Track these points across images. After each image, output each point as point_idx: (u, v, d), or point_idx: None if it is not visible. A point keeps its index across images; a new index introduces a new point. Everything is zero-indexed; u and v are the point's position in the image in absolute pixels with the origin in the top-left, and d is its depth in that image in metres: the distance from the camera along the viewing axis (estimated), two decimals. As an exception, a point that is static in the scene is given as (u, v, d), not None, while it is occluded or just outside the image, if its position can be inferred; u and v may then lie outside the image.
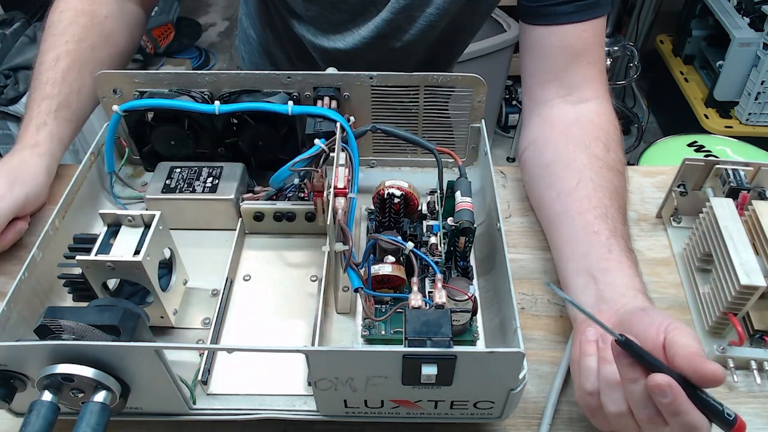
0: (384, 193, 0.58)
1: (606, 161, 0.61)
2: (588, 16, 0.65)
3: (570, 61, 0.66)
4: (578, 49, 0.66)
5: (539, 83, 0.69)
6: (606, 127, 0.65)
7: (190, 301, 0.57)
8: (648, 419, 0.40)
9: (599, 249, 0.54)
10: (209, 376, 0.51)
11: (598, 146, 0.62)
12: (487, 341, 0.53)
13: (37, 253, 0.52)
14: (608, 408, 0.43)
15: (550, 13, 0.65)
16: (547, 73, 0.68)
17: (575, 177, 0.60)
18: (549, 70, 0.68)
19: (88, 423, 0.40)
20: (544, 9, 0.65)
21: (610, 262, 0.52)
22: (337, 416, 0.48)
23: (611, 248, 0.53)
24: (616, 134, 0.65)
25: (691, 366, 0.39)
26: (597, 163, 0.61)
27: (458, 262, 0.55)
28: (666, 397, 0.38)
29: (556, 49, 0.66)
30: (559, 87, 0.67)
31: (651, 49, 2.21)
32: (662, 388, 0.38)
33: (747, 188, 0.59)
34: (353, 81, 0.63)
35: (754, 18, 1.74)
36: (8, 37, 1.65)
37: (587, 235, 0.55)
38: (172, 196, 0.62)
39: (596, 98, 0.67)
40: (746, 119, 1.81)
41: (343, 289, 0.56)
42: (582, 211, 0.57)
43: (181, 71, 0.63)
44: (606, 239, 0.54)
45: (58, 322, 0.43)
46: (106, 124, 0.63)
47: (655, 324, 0.43)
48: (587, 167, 0.60)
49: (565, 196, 0.59)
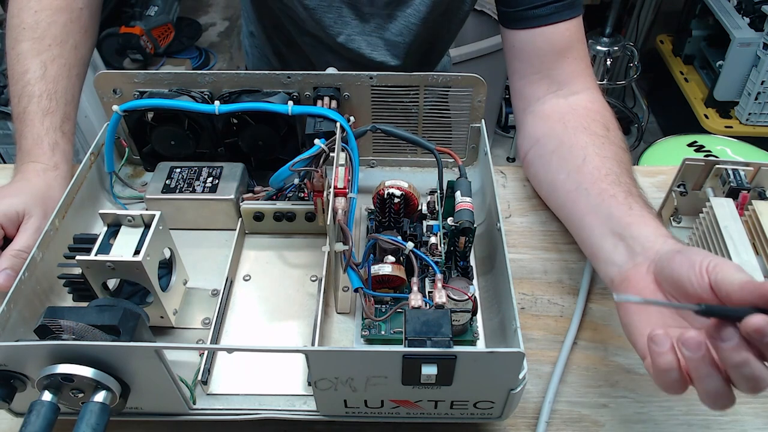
0: (384, 193, 0.58)
1: (607, 137, 0.63)
2: (567, 15, 0.67)
3: (556, 59, 0.68)
4: (563, 47, 0.68)
5: (528, 83, 0.70)
6: (601, 111, 0.66)
7: (190, 301, 0.57)
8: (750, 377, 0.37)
9: (620, 209, 0.54)
10: (209, 376, 0.51)
11: (597, 126, 0.64)
12: (487, 341, 0.53)
13: (37, 253, 0.52)
14: (706, 387, 0.39)
15: (531, 17, 0.67)
16: (535, 73, 0.69)
17: (581, 154, 0.61)
18: (537, 69, 0.69)
19: (88, 423, 0.40)
20: (523, 13, 0.68)
21: (632, 217, 0.52)
22: (337, 416, 0.48)
23: (631, 206, 0.54)
24: (612, 118, 0.66)
25: (756, 293, 0.36)
26: (599, 140, 0.62)
27: (458, 262, 0.55)
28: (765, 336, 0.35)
29: (541, 49, 0.68)
30: (549, 83, 0.69)
31: (651, 49, 2.21)
32: (764, 328, 0.35)
33: (747, 188, 0.59)
34: (353, 81, 0.63)
35: (754, 18, 1.74)
36: (8, 37, 1.65)
37: (605, 200, 0.55)
38: (172, 196, 0.62)
39: (587, 89, 0.68)
40: (746, 119, 1.81)
41: (343, 289, 0.56)
42: (594, 181, 0.58)
43: (181, 71, 0.63)
44: (624, 199, 0.55)
45: (58, 322, 0.43)
46: (106, 124, 0.63)
47: (696, 265, 0.41)
48: (590, 144, 0.62)
49: (575, 173, 0.60)
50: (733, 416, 0.52)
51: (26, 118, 0.65)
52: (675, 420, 0.52)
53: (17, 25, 0.69)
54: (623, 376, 0.55)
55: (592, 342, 0.58)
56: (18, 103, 0.66)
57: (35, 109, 0.66)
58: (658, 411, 0.53)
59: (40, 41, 0.68)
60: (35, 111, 0.66)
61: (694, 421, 0.52)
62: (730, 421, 0.52)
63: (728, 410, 0.53)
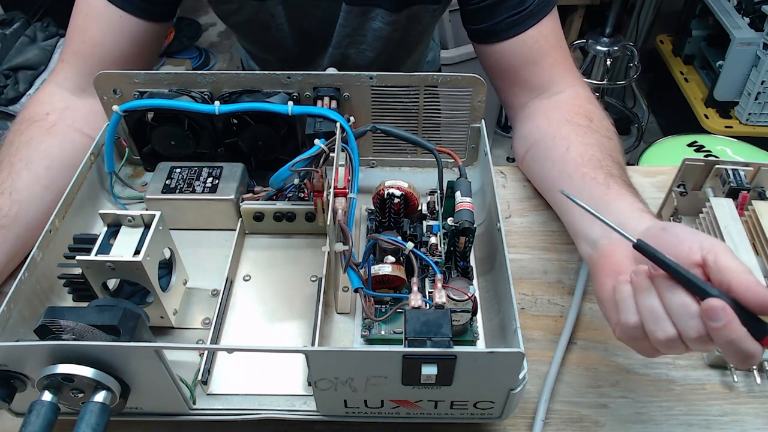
0: (384, 193, 0.58)
1: (590, 127, 0.64)
2: (527, 25, 0.68)
3: (530, 69, 0.70)
4: (533, 57, 0.69)
5: (511, 95, 0.73)
6: (583, 105, 0.68)
7: (190, 301, 0.57)
8: (699, 337, 0.39)
9: (599, 189, 0.55)
10: (209, 376, 0.51)
11: (579, 118, 0.65)
12: (487, 341, 0.53)
13: (37, 253, 0.52)
14: (656, 336, 0.41)
15: (493, 31, 0.69)
16: (514, 85, 0.72)
17: (564, 144, 0.63)
18: (514, 81, 0.71)
19: (88, 423, 0.40)
20: (487, 29, 0.69)
21: (609, 195, 0.54)
22: (337, 416, 0.48)
23: (609, 185, 0.55)
24: (595, 110, 0.68)
25: (751, 293, 0.37)
26: (581, 129, 0.64)
27: (458, 262, 0.55)
28: (719, 321, 0.37)
29: (510, 62, 0.70)
30: (530, 91, 0.71)
31: (651, 49, 2.21)
32: (715, 310, 0.37)
33: (747, 188, 0.59)
34: (353, 81, 0.63)
35: (754, 18, 1.74)
36: (8, 37, 1.66)
37: (586, 183, 0.57)
38: (172, 196, 0.62)
39: (570, 87, 0.70)
40: (746, 119, 1.81)
41: (343, 289, 0.56)
42: (577, 166, 0.60)
43: (181, 71, 0.63)
44: (604, 180, 0.56)
45: (58, 322, 0.43)
46: (106, 124, 0.63)
47: (686, 243, 0.42)
48: (573, 133, 0.63)
49: (559, 162, 0.62)
50: (733, 416, 0.52)
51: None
52: (675, 420, 0.52)
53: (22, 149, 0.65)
54: (623, 376, 0.55)
55: (592, 342, 0.58)
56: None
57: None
58: (657, 411, 0.53)
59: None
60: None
61: (694, 421, 0.52)
62: (730, 421, 0.52)
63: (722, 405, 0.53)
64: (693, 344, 0.40)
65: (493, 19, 0.68)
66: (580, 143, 0.62)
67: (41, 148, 0.65)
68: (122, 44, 0.70)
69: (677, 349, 0.41)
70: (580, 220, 0.55)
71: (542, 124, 0.67)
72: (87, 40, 0.69)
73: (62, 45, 0.79)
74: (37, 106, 0.69)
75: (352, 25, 0.77)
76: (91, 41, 0.69)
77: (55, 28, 1.76)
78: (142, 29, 0.70)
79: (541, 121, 0.68)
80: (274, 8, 0.76)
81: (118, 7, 0.68)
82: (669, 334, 0.40)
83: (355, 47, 0.80)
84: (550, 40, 0.69)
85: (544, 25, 0.68)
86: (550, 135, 0.65)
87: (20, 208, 0.60)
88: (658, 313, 0.41)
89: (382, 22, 0.76)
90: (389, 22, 0.76)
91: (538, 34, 0.68)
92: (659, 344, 0.41)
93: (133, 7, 0.68)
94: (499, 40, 0.69)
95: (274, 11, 0.76)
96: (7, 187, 0.61)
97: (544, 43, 0.69)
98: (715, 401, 0.53)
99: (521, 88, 0.71)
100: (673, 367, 0.56)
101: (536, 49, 0.69)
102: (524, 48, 0.69)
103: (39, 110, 0.68)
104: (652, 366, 0.56)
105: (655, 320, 0.41)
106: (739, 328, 0.38)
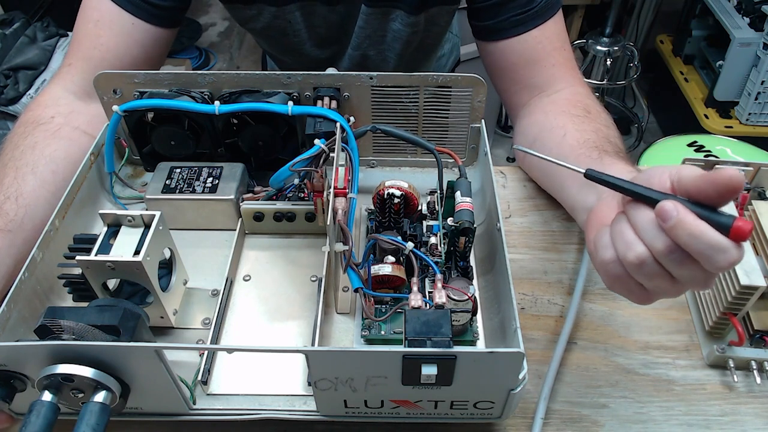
0: (384, 194, 0.58)
1: (587, 117, 0.65)
2: (532, 25, 0.68)
3: (532, 68, 0.70)
4: (536, 57, 0.70)
5: (512, 94, 0.73)
6: (582, 100, 0.68)
7: (190, 301, 0.57)
8: (668, 250, 0.38)
9: (593, 164, 0.54)
10: (209, 376, 0.51)
11: (576, 110, 0.66)
12: (487, 341, 0.53)
13: (37, 253, 0.52)
14: (629, 260, 0.39)
15: (500, 28, 0.69)
16: (514, 85, 0.72)
17: (560, 132, 0.64)
18: (515, 81, 0.72)
19: (88, 423, 0.40)
20: (491, 26, 0.69)
21: (602, 166, 0.53)
22: (337, 416, 0.48)
23: (603, 159, 0.56)
24: (594, 105, 0.68)
25: (703, 180, 0.37)
26: (578, 119, 0.65)
27: (458, 262, 0.55)
28: (671, 219, 0.36)
29: (513, 61, 0.70)
30: (531, 90, 0.71)
31: (651, 49, 2.21)
32: (666, 209, 0.37)
33: (747, 188, 0.59)
34: (353, 81, 0.63)
35: (754, 18, 1.74)
36: (8, 37, 1.65)
37: (581, 162, 0.57)
38: (172, 196, 0.62)
39: (570, 86, 0.70)
40: (746, 119, 1.81)
41: (343, 289, 0.56)
42: (573, 150, 0.60)
43: (181, 71, 0.63)
44: (598, 156, 0.57)
45: (58, 322, 0.43)
46: (106, 124, 0.63)
47: (656, 175, 0.41)
48: (569, 122, 0.64)
49: (556, 149, 0.63)
50: (733, 416, 0.52)
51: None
52: (675, 420, 0.52)
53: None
54: (623, 376, 0.55)
55: (592, 342, 0.58)
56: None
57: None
58: (657, 411, 0.53)
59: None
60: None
61: (693, 422, 0.52)
62: (730, 422, 0.52)
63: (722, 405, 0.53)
64: (668, 264, 0.38)
65: (499, 17, 0.68)
66: (576, 130, 0.62)
67: (47, 152, 0.65)
68: (134, 50, 0.71)
69: (657, 279, 0.40)
70: (576, 192, 0.56)
71: (540, 119, 0.68)
72: (99, 46, 0.70)
73: (67, 48, 0.78)
74: (41, 108, 0.69)
75: (372, 26, 0.78)
76: (103, 47, 0.69)
77: (55, 28, 1.75)
78: (154, 36, 0.71)
79: (539, 116, 0.69)
80: (291, 14, 0.77)
81: (132, 15, 0.69)
82: (639, 253, 0.39)
83: (375, 48, 0.81)
84: (554, 41, 0.70)
85: (548, 27, 0.69)
86: (547, 127, 0.66)
87: (26, 213, 0.60)
88: (627, 235, 0.40)
89: (402, 23, 0.77)
90: (408, 24, 0.76)
91: (541, 35, 0.69)
92: (635, 271, 0.40)
93: (147, 14, 0.69)
94: (503, 38, 0.69)
95: (291, 17, 0.77)
96: (13, 191, 0.60)
97: (547, 44, 0.69)
98: (715, 401, 0.53)
99: (522, 88, 0.72)
100: (673, 367, 0.56)
101: (539, 49, 0.69)
102: (527, 47, 0.69)
103: (44, 113, 0.68)
104: (652, 366, 0.56)
105: (626, 244, 0.40)
106: (697, 222, 0.36)
